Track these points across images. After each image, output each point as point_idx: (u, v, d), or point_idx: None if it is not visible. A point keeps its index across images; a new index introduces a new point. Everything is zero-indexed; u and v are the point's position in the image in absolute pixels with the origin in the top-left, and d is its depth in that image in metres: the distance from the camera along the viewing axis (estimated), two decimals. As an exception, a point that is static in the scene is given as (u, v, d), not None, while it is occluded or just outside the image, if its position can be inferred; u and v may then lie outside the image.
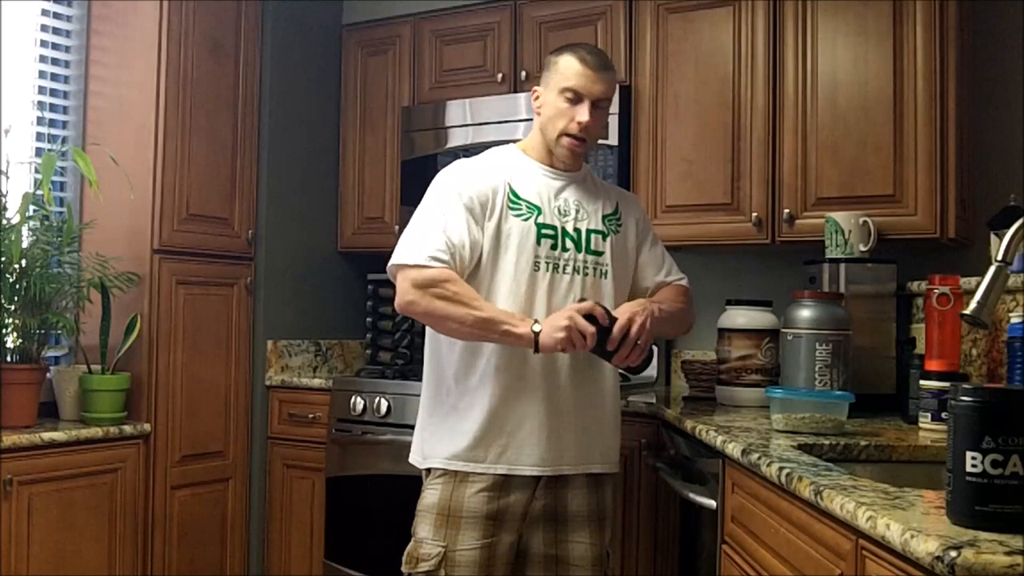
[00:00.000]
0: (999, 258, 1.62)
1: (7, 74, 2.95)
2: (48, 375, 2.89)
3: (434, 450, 2.06)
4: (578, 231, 2.08)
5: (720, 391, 2.66)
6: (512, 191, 2.05)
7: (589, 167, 2.25)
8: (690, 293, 2.27)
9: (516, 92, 3.25)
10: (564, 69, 2.06)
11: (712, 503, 2.02)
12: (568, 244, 2.06)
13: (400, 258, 2.00)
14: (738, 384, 2.60)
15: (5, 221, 2.68)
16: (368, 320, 3.63)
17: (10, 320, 2.70)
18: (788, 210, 2.76)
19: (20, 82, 3.02)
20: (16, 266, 2.67)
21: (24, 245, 2.70)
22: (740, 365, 2.61)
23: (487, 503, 1.99)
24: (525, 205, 2.05)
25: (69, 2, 3.17)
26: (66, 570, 2.66)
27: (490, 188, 2.03)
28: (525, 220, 2.04)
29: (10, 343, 2.73)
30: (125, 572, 2.86)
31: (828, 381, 2.30)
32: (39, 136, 3.08)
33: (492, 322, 1.94)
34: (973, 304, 1.61)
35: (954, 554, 0.98)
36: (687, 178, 2.95)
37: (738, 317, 2.66)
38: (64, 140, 3.12)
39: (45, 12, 3.10)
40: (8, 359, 2.71)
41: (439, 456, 2.04)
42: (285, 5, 3.47)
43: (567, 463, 2.04)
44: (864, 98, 2.66)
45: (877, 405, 2.36)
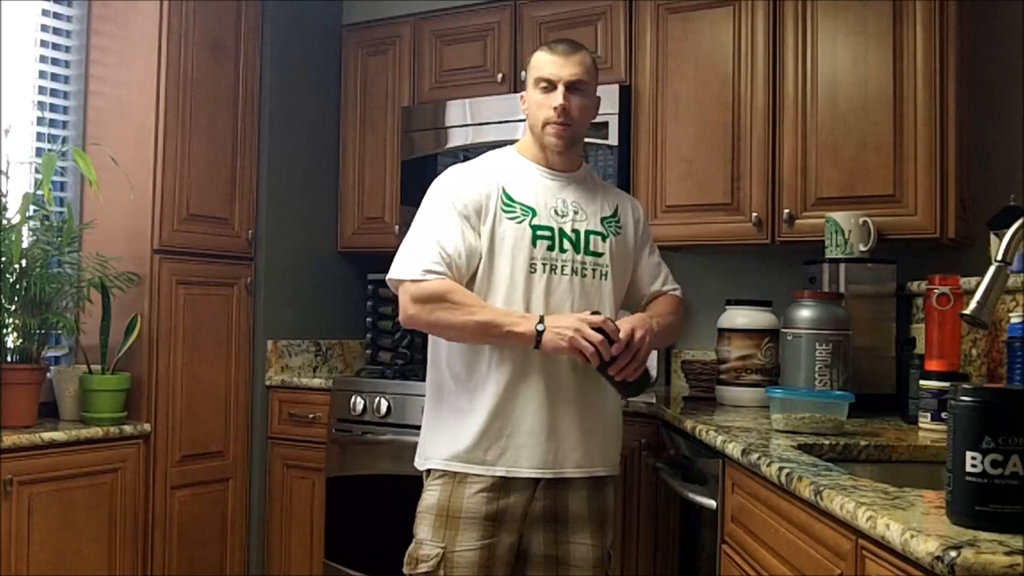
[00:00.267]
0: (999, 258, 1.62)
1: (7, 74, 2.95)
2: (48, 375, 2.89)
3: (434, 451, 2.07)
4: (576, 232, 2.08)
5: (720, 391, 2.66)
6: (505, 194, 2.05)
7: (589, 167, 2.25)
8: (683, 303, 2.28)
9: (516, 92, 3.23)
10: (536, 63, 2.11)
11: (712, 503, 2.01)
12: (566, 245, 2.06)
13: (397, 273, 2.03)
14: (738, 384, 2.60)
15: (5, 221, 2.68)
16: (368, 320, 3.64)
17: (10, 320, 2.71)
18: (788, 210, 2.76)
19: (20, 82, 3.02)
20: (16, 266, 2.67)
21: (24, 245, 2.70)
22: (740, 365, 2.61)
23: (486, 504, 1.99)
24: (519, 207, 2.05)
25: (69, 2, 3.17)
26: (66, 570, 2.66)
27: (483, 192, 2.04)
28: (519, 223, 2.03)
29: (10, 343, 2.73)
30: (125, 572, 2.86)
31: (828, 381, 2.30)
32: (39, 136, 3.08)
33: (493, 325, 1.95)
34: (973, 304, 1.61)
35: (954, 554, 0.98)
36: (687, 178, 2.95)
37: (738, 317, 2.66)
38: (64, 140, 3.12)
39: (45, 12, 3.10)
40: (8, 359, 2.71)
41: (439, 457, 2.05)
42: (285, 5, 3.47)
43: (569, 466, 2.03)
44: (864, 98, 2.66)
45: (877, 405, 2.36)
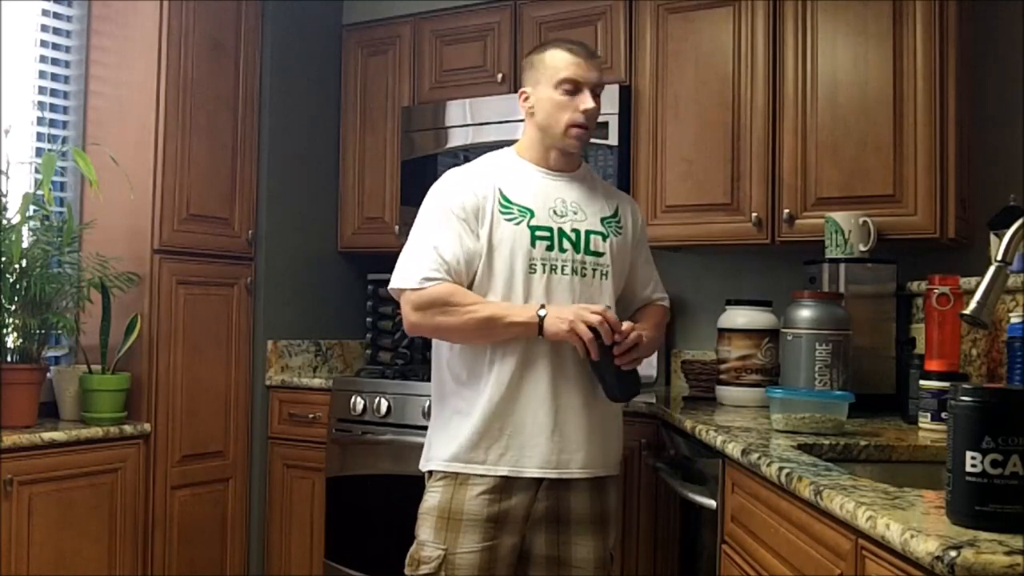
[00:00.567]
0: (999, 258, 1.62)
1: (7, 74, 2.95)
2: (48, 375, 2.89)
3: (436, 452, 2.06)
4: (576, 232, 2.07)
5: (720, 391, 2.66)
6: (503, 196, 2.05)
7: (589, 167, 2.25)
8: (667, 313, 2.30)
9: (516, 92, 3.24)
10: (555, 63, 2.06)
11: (712, 503, 2.01)
12: (566, 245, 2.05)
13: (397, 283, 2.04)
14: (738, 384, 2.61)
15: (5, 221, 2.68)
16: (368, 320, 3.64)
17: (10, 320, 2.71)
18: (788, 210, 2.76)
19: (20, 82, 3.02)
20: (16, 266, 2.67)
21: (24, 245, 2.70)
22: (740, 365, 2.61)
23: (487, 506, 1.99)
24: (516, 209, 2.04)
25: (69, 2, 3.17)
26: (66, 570, 2.66)
27: (479, 196, 2.04)
28: (517, 224, 2.03)
29: (10, 343, 2.73)
30: (125, 572, 2.86)
31: (828, 381, 2.30)
32: (39, 136, 3.08)
33: (495, 318, 1.96)
34: (973, 304, 1.61)
35: (954, 554, 0.98)
36: (687, 178, 2.95)
37: (738, 317, 2.66)
38: (64, 140, 3.12)
39: (45, 12, 3.10)
40: (8, 359, 2.71)
41: (440, 458, 2.04)
42: (285, 5, 3.47)
43: (572, 466, 2.03)
44: (864, 98, 2.66)
45: (877, 405, 2.36)
